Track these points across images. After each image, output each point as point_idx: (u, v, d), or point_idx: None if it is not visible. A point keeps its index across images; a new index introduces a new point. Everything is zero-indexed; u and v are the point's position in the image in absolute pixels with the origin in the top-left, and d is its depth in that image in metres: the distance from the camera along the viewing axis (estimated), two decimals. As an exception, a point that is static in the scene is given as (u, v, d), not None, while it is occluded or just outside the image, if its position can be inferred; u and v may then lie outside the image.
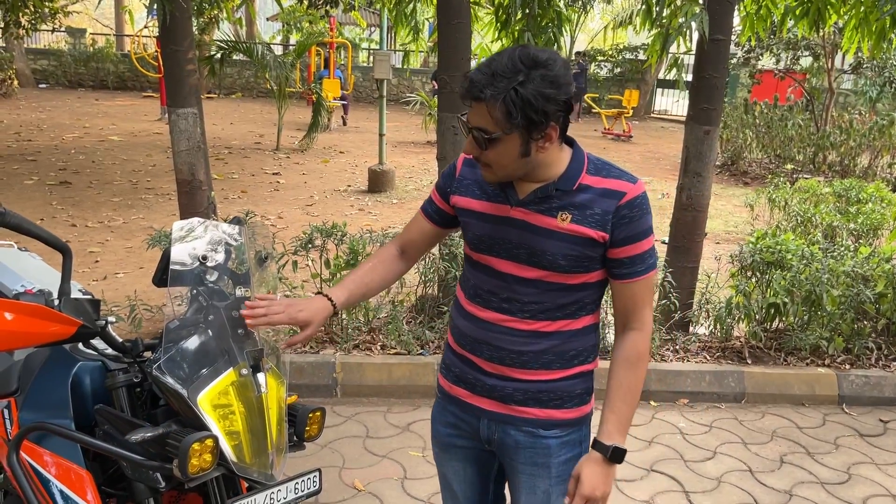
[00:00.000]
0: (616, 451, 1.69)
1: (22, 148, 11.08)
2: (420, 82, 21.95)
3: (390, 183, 9.58)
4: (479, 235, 1.74)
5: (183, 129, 4.47)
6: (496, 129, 1.54)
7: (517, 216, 1.69)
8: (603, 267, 1.72)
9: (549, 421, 1.78)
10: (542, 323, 1.73)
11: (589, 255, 1.67)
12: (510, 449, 1.82)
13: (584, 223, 1.65)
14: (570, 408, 1.80)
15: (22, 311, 1.59)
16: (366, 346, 4.37)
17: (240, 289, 1.84)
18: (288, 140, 13.07)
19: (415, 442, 3.71)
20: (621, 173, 1.69)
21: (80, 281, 5.44)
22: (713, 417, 4.12)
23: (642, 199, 1.67)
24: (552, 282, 1.70)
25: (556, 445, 1.80)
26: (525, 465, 1.81)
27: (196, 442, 1.57)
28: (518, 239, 1.69)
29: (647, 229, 1.68)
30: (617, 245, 1.67)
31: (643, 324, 1.74)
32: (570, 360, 1.77)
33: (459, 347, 1.84)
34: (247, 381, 1.74)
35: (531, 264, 1.69)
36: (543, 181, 1.67)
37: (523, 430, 1.79)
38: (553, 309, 1.72)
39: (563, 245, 1.66)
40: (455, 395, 1.87)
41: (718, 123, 4.64)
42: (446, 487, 2.03)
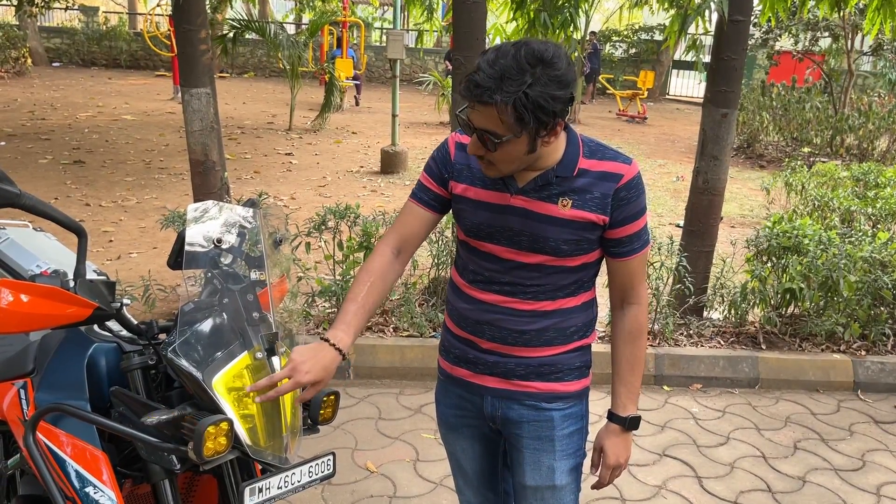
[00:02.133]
0: (632, 420, 1.81)
1: (36, 127, 11.11)
2: (433, 62, 21.82)
3: (403, 164, 9.55)
4: (478, 223, 1.74)
5: (196, 108, 4.46)
6: (506, 132, 1.52)
7: (517, 204, 1.70)
8: (600, 246, 1.76)
9: (551, 394, 1.81)
10: (543, 303, 1.76)
11: (589, 237, 1.71)
12: (514, 424, 1.84)
13: (585, 207, 1.68)
14: (570, 380, 1.83)
15: (38, 293, 1.58)
16: (378, 328, 4.37)
17: (254, 272, 1.83)
18: (300, 120, 13.05)
19: (427, 424, 3.71)
20: (616, 154, 1.72)
21: (94, 261, 5.45)
22: (727, 403, 4.10)
23: (638, 180, 1.71)
24: (554, 265, 1.73)
25: (558, 418, 1.83)
26: (529, 439, 1.84)
27: (211, 425, 1.57)
28: (520, 226, 1.70)
29: (642, 208, 1.73)
30: (616, 226, 1.71)
31: (640, 297, 1.81)
32: (570, 335, 1.80)
33: (459, 329, 1.85)
34: (261, 364, 1.74)
35: (533, 250, 1.71)
36: (541, 168, 1.68)
37: (526, 403, 1.82)
38: (554, 290, 1.76)
39: (564, 231, 1.68)
40: (457, 375, 1.88)
41: (736, 106, 4.58)
42: (456, 466, 2.06)
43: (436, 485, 3.22)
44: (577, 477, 1.91)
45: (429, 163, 1.84)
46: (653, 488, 3.26)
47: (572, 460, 1.88)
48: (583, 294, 1.81)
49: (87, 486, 1.71)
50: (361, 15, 24.64)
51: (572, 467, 1.88)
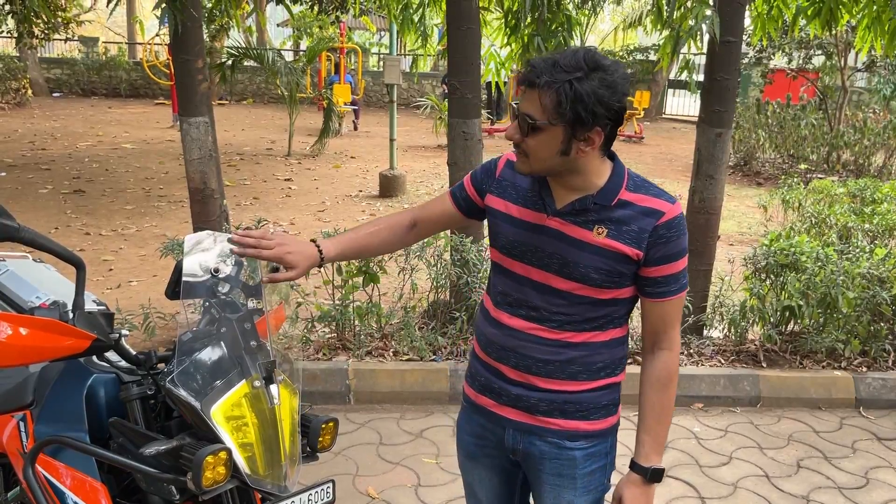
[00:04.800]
0: (655, 472, 1.73)
1: (36, 157, 11.18)
2: (430, 86, 21.98)
3: (401, 188, 9.59)
4: (512, 241, 1.74)
5: (195, 137, 4.50)
6: (542, 117, 1.55)
7: (553, 225, 1.69)
8: (634, 284, 1.72)
9: (574, 432, 1.77)
10: (568, 333, 1.72)
11: (621, 270, 1.67)
12: (535, 459, 1.81)
13: (620, 239, 1.64)
14: (595, 419, 1.78)
15: (36, 325, 1.60)
16: (378, 352, 4.37)
17: (252, 300, 1.84)
18: (299, 145, 13.12)
19: (428, 449, 3.70)
20: (660, 192, 1.69)
21: (94, 289, 5.49)
22: (728, 422, 4.09)
23: (680, 220, 1.67)
24: (582, 295, 1.69)
25: (581, 457, 1.78)
26: (550, 475, 1.81)
27: (210, 455, 1.58)
28: (551, 248, 1.69)
29: (682, 250, 1.68)
30: (651, 264, 1.67)
31: (672, 343, 1.75)
32: (597, 371, 1.76)
33: (486, 356, 1.83)
34: (259, 392, 1.74)
35: (563, 275, 1.68)
36: (581, 191, 1.66)
37: (548, 440, 1.78)
38: (581, 321, 1.72)
39: (596, 259, 1.65)
40: (481, 404, 1.86)
41: (731, 125, 4.62)
42: (471, 495, 2.02)
43: (438, 510, 3.20)
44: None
45: (476, 169, 1.89)
46: (656, 510, 3.24)
47: (593, 496, 1.84)
48: (613, 330, 1.76)
49: (87, 518, 1.71)
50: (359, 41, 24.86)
51: (593, 501, 1.85)
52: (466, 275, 4.35)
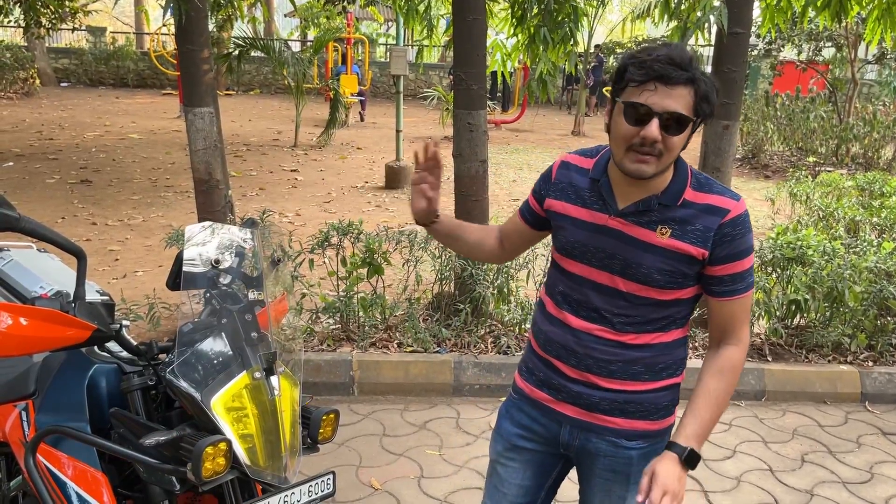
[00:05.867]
0: (691, 454, 1.65)
1: (44, 147, 11.20)
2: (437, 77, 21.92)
3: (407, 179, 9.57)
4: (573, 241, 1.73)
5: (200, 128, 4.49)
6: (691, 113, 1.54)
7: (615, 226, 1.67)
8: (698, 283, 1.70)
9: (633, 431, 1.76)
10: (630, 335, 1.71)
11: (685, 271, 1.65)
12: (590, 455, 1.81)
13: (684, 239, 1.63)
14: (655, 419, 1.77)
15: (37, 316, 1.60)
16: (382, 343, 4.37)
17: (253, 292, 1.84)
18: (306, 137, 13.12)
19: (431, 440, 3.70)
20: (724, 190, 1.67)
21: (99, 280, 5.51)
22: (733, 416, 4.08)
23: (745, 217, 1.65)
24: (645, 296, 1.67)
25: (637, 456, 1.78)
26: (604, 471, 1.81)
27: (209, 446, 1.58)
28: (613, 249, 1.67)
29: (748, 248, 1.66)
30: (717, 263, 1.64)
31: (741, 340, 1.73)
32: (660, 372, 1.75)
33: (545, 353, 1.82)
34: (260, 384, 1.74)
35: (625, 276, 1.67)
36: (648, 190, 1.65)
37: (606, 438, 1.77)
38: (643, 322, 1.70)
39: (659, 260, 1.64)
40: (536, 398, 1.86)
41: (738, 118, 4.58)
42: (494, 485, 1.98)
43: (440, 501, 3.20)
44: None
45: (537, 182, 1.90)
46: None
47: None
48: (675, 331, 1.74)
49: (87, 507, 1.71)
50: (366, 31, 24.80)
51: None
52: (471, 267, 4.34)
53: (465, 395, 4.18)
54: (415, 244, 4.40)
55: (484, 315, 4.50)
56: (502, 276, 4.43)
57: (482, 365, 4.21)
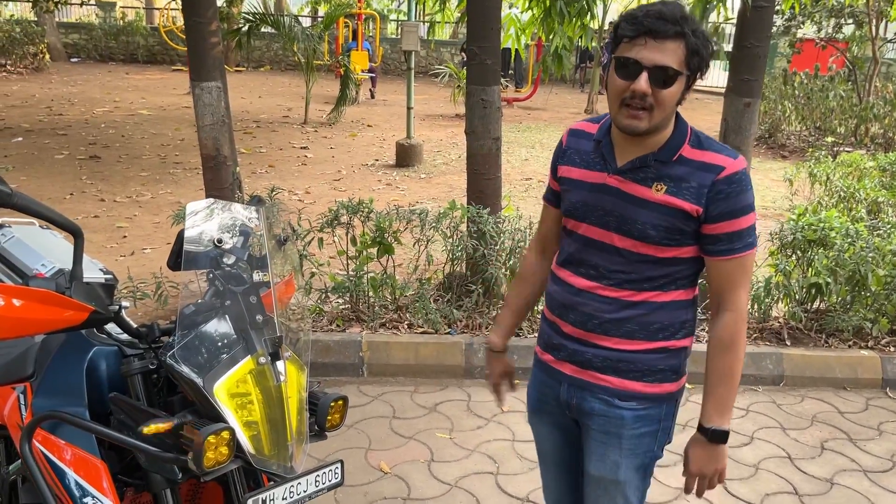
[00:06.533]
0: (716, 433, 1.71)
1: (53, 122, 11.14)
2: (449, 54, 21.68)
3: (418, 157, 9.46)
4: (575, 202, 1.76)
5: (207, 103, 4.40)
6: (680, 66, 1.56)
7: (613, 184, 1.70)
8: (697, 243, 1.69)
9: (625, 392, 1.77)
10: (627, 292, 1.72)
11: (681, 227, 1.65)
12: (585, 414, 1.83)
13: (679, 195, 1.63)
14: (649, 381, 1.77)
15: (31, 297, 1.52)
16: (392, 324, 4.30)
17: (258, 273, 1.75)
18: (316, 114, 13.00)
19: (442, 423, 3.64)
20: (722, 148, 1.67)
21: (108, 256, 5.46)
22: (750, 401, 3.99)
23: (741, 175, 1.64)
24: (641, 252, 1.68)
25: (630, 417, 1.78)
26: (598, 432, 1.82)
27: (212, 434, 1.50)
28: (611, 206, 1.69)
29: (745, 206, 1.64)
30: (712, 221, 1.64)
31: (736, 305, 1.70)
32: (655, 332, 1.74)
33: (550, 313, 1.87)
34: (265, 369, 1.66)
35: (621, 233, 1.68)
36: (646, 148, 1.66)
37: (599, 397, 1.79)
38: (640, 280, 1.71)
39: (654, 216, 1.65)
40: (544, 360, 1.91)
41: (759, 95, 4.44)
42: (539, 450, 2.09)
43: (451, 486, 3.14)
44: (643, 476, 1.87)
45: (551, 160, 1.92)
46: (674, 490, 3.16)
47: (639, 459, 1.82)
48: (675, 291, 1.74)
49: (87, 496, 1.65)
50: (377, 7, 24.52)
51: (638, 466, 1.83)
52: (483, 247, 4.25)
53: (477, 377, 4.11)
54: (426, 223, 4.31)
55: (496, 296, 4.41)
56: (515, 257, 4.33)
57: (494, 347, 4.13)
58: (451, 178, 8.77)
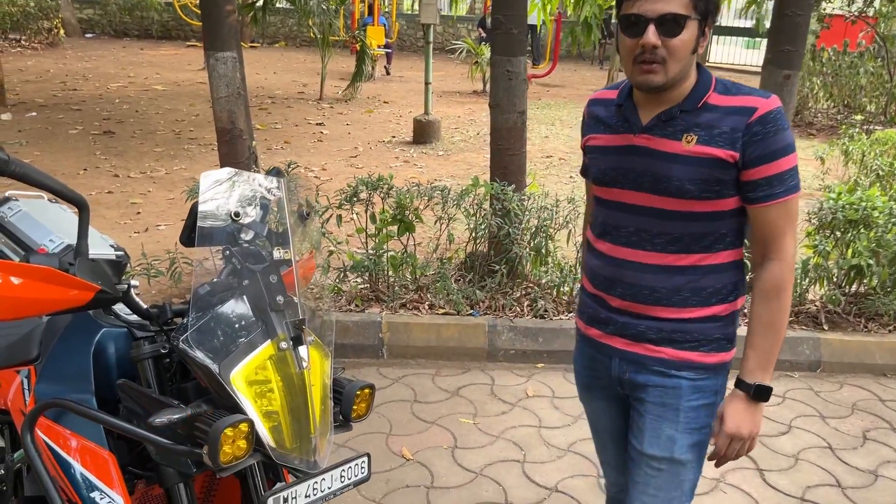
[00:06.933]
0: (760, 388, 1.63)
1: (67, 97, 11.02)
2: (466, 30, 21.35)
3: (436, 134, 9.27)
4: (603, 168, 1.70)
5: (222, 73, 4.24)
6: (688, 12, 1.50)
7: (641, 143, 1.63)
8: (738, 193, 1.60)
9: (682, 362, 1.69)
10: (674, 256, 1.64)
11: (718, 177, 1.56)
12: (639, 387, 1.74)
13: (712, 143, 1.55)
14: (705, 351, 1.69)
15: (31, 275, 1.38)
16: (413, 305, 4.16)
17: (278, 250, 1.60)
18: (331, 90, 12.80)
19: (465, 408, 3.50)
20: (751, 90, 1.59)
21: (121, 233, 5.34)
22: (786, 387, 3.82)
23: (777, 115, 1.55)
24: (681, 210, 1.60)
25: (687, 387, 1.70)
26: (653, 405, 1.72)
27: (229, 427, 1.37)
28: (642, 167, 1.62)
29: (785, 147, 1.55)
30: (750, 165, 1.55)
31: (782, 253, 1.61)
32: (707, 297, 1.66)
33: (592, 287, 1.79)
34: (286, 355, 1.52)
35: (657, 192, 1.61)
36: (670, 103, 1.60)
37: (654, 369, 1.71)
38: (685, 240, 1.63)
39: (689, 169, 1.57)
40: (590, 335, 1.83)
41: (799, 67, 4.23)
42: (593, 429, 2.03)
43: (476, 474, 3.01)
44: (699, 455, 1.76)
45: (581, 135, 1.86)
46: (711, 481, 3.01)
47: (696, 436, 1.72)
48: (723, 252, 1.65)
49: (93, 490, 1.52)
50: (393, -18, 24.11)
51: (695, 443, 1.73)
52: (507, 225, 4.08)
53: (500, 360, 3.97)
54: (448, 200, 4.14)
55: (520, 276, 4.26)
56: (540, 235, 4.16)
57: (518, 329, 3.99)
58: (470, 155, 8.59)
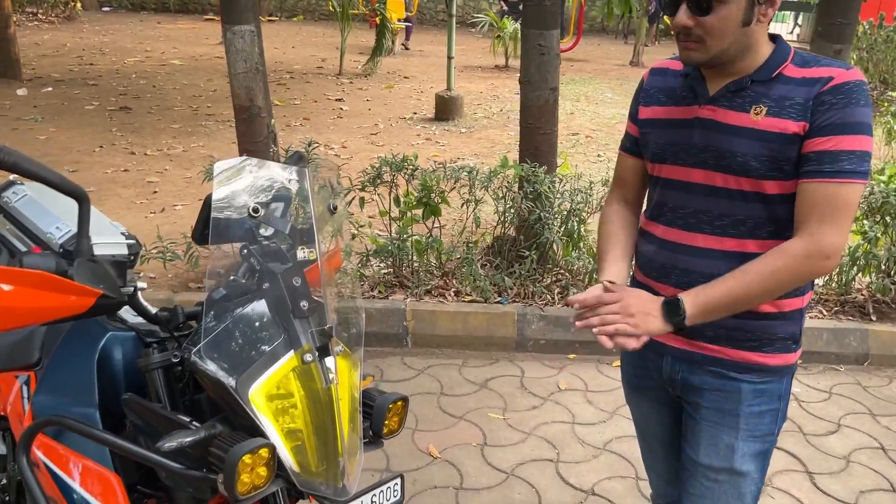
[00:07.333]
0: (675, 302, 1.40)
1: (84, 72, 10.88)
2: (486, 3, 20.95)
3: (458, 110, 9.03)
4: (661, 144, 1.56)
5: (239, 48, 4.04)
6: None
7: (706, 115, 1.48)
8: None
9: (742, 363, 1.53)
10: (735, 241, 1.48)
11: (788, 154, 1.40)
12: (694, 390, 1.59)
13: (782, 114, 1.39)
14: (769, 352, 1.53)
15: (23, 280, 1.21)
16: (438, 291, 3.98)
17: (302, 249, 1.42)
18: (351, 64, 12.57)
19: (494, 402, 3.34)
20: (833, 62, 1.43)
21: (137, 213, 5.20)
22: (832, 382, 3.61)
23: (853, 87, 1.36)
24: (745, 190, 1.45)
25: (749, 391, 1.54)
26: (709, 410, 1.57)
27: (247, 454, 1.20)
28: (704, 141, 1.48)
29: (853, 124, 1.35)
30: (809, 136, 1.37)
31: (816, 237, 1.37)
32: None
33: (644, 276, 1.63)
34: (312, 368, 1.35)
35: (719, 169, 1.46)
36: (740, 73, 1.45)
37: (711, 370, 1.56)
38: (749, 224, 1.47)
39: (754, 144, 1.41)
40: None
41: (851, 41, 3.96)
42: (640, 433, 1.89)
43: (507, 474, 2.85)
44: (761, 465, 1.61)
45: (630, 106, 1.70)
46: (757, 486, 2.83)
47: (758, 444, 1.57)
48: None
49: (97, 516, 1.36)
50: (412, -46, 23.68)
51: (756, 452, 1.58)
52: (539, 209, 3.88)
53: (530, 350, 3.79)
54: (475, 182, 3.95)
55: (550, 262, 4.06)
56: (573, 219, 3.96)
57: (548, 318, 3.80)
58: (493, 132, 8.35)
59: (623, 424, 3.19)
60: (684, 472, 1.66)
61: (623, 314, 1.39)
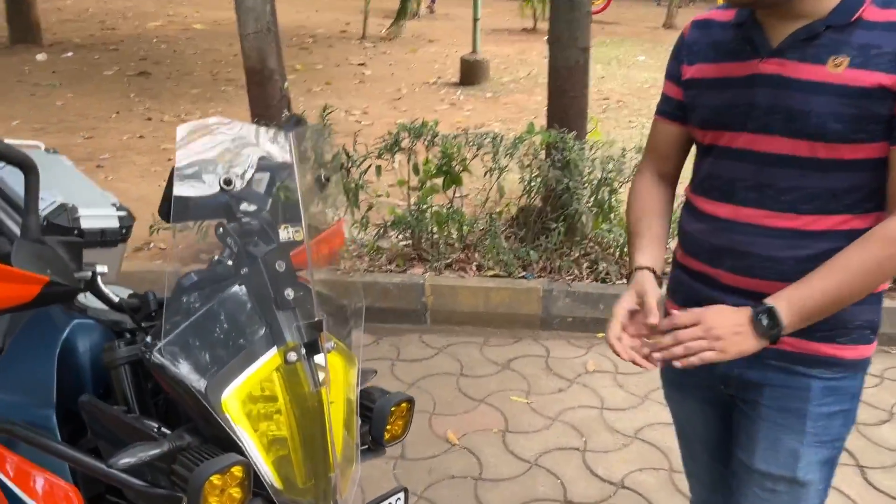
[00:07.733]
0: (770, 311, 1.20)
1: (105, 37, 10.75)
2: (515, -36, 20.38)
3: (484, 74, 8.73)
4: (714, 107, 1.33)
5: (250, 6, 3.82)
6: None
7: (771, 70, 1.25)
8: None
9: (811, 356, 1.32)
10: (807, 217, 1.26)
11: (875, 112, 1.18)
12: (753, 387, 1.39)
13: (869, 66, 1.17)
14: (843, 343, 1.32)
15: (-52, 265, 1.02)
16: (459, 265, 3.77)
17: (287, 228, 1.21)
18: (375, 28, 12.28)
19: (517, 384, 3.14)
20: None
21: (151, 181, 5.04)
22: (884, 366, 3.35)
23: None
24: (820, 158, 1.23)
25: (819, 389, 1.34)
26: (771, 409, 1.38)
27: (215, 474, 1.01)
28: (769, 101, 1.25)
29: None
30: None
31: None
32: None
33: (692, 259, 1.43)
34: (297, 367, 1.15)
35: (789, 134, 1.23)
36: (806, 17, 1.22)
37: (773, 364, 1.35)
38: (824, 197, 1.25)
39: (835, 101, 1.19)
40: None
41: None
42: (680, 433, 1.70)
43: (530, 464, 2.66)
44: (827, 475, 1.41)
45: (668, 64, 1.47)
46: (803, 481, 2.60)
47: (826, 451, 1.37)
48: (874, 213, 1.25)
49: (52, 534, 1.19)
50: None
51: (823, 460, 1.38)
52: (568, 178, 3.63)
53: (556, 328, 3.58)
54: (499, 150, 3.71)
55: (579, 235, 3.82)
56: (604, 189, 3.71)
57: (576, 294, 3.58)
58: (521, 97, 8.05)
59: (656, 410, 2.97)
60: (735, 479, 1.46)
61: (709, 338, 1.21)
